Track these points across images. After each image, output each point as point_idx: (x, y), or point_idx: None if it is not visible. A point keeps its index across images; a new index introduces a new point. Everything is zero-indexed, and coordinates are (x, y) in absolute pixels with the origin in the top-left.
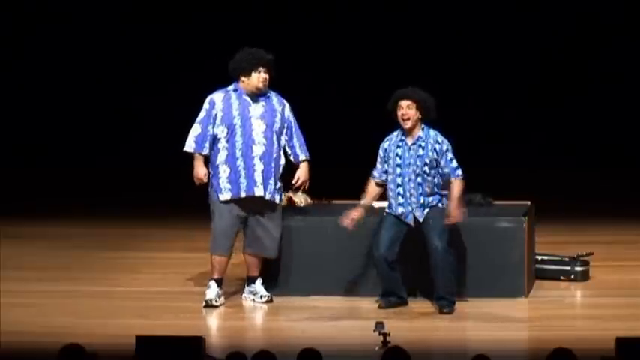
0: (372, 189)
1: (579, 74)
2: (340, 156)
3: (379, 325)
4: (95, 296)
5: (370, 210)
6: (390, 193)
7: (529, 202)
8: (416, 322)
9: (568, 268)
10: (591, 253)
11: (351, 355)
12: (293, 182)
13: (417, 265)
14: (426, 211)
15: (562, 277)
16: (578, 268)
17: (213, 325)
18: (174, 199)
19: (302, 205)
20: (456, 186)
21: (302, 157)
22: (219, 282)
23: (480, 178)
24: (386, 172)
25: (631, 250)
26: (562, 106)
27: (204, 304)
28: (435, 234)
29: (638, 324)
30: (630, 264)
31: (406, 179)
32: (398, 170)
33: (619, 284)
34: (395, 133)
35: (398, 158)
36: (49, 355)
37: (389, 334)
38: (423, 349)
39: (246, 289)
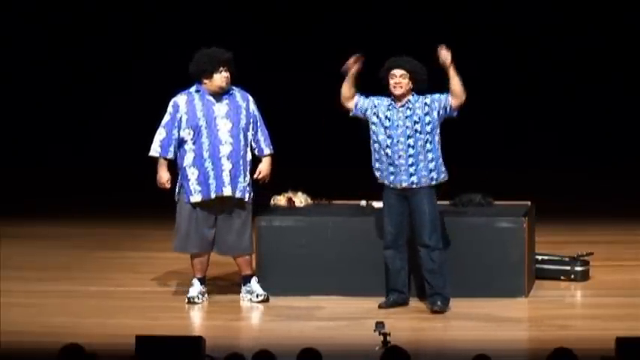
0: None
1: (580, 74)
2: (340, 156)
3: (379, 325)
4: (95, 296)
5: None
6: (376, 155)
7: (529, 202)
8: (416, 322)
9: (568, 268)
10: (591, 253)
11: (351, 355)
12: (255, 176)
13: (417, 265)
14: (414, 179)
15: (562, 277)
16: (578, 268)
17: (213, 325)
18: (173, 199)
19: (302, 205)
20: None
21: (267, 151)
22: (201, 280)
23: (480, 178)
24: (362, 104)
25: (631, 250)
26: (562, 105)
27: (186, 300)
28: (425, 232)
29: (638, 324)
30: (630, 264)
31: (395, 141)
32: (387, 132)
33: (619, 284)
34: (385, 99)
35: (387, 120)
36: (49, 355)
37: (389, 334)
38: (423, 349)
39: (243, 288)
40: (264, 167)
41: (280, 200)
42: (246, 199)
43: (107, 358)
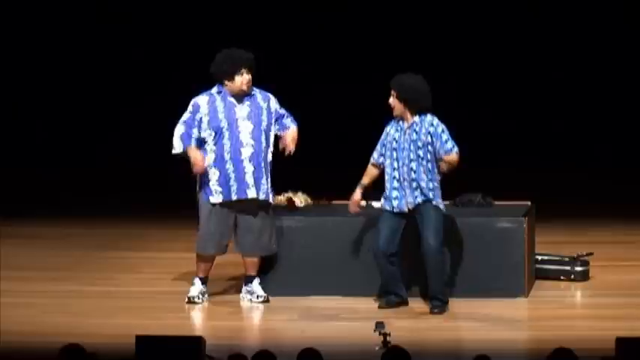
0: (370, 170)
1: (579, 74)
2: (340, 156)
3: (379, 325)
4: (95, 296)
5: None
6: (386, 177)
7: (529, 202)
8: (416, 322)
9: (568, 268)
10: (591, 253)
11: (351, 355)
12: (280, 147)
13: (417, 266)
14: (419, 199)
15: (562, 277)
16: (578, 268)
17: (213, 325)
18: (174, 199)
19: (302, 205)
20: (452, 156)
21: (291, 126)
22: (203, 280)
23: (480, 178)
24: (383, 155)
25: (631, 250)
26: (562, 106)
27: (186, 300)
28: (430, 233)
29: (638, 324)
30: (630, 264)
31: (401, 163)
32: (394, 154)
33: (619, 284)
34: (393, 121)
35: (394, 142)
36: (49, 355)
37: (389, 334)
38: (423, 350)
39: (244, 288)
40: (288, 134)
41: (280, 200)
42: (270, 200)
43: (107, 358)
